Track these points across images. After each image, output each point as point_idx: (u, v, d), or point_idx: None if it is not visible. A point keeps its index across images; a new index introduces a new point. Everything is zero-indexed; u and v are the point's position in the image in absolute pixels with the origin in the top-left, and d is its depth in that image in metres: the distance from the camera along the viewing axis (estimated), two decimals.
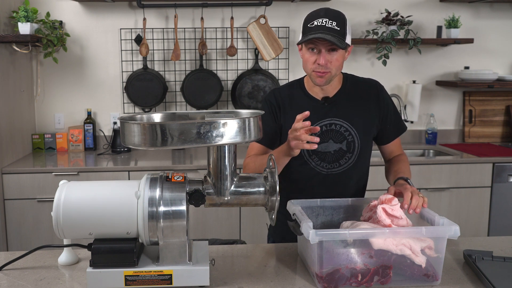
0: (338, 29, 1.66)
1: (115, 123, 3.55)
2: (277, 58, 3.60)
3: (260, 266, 1.53)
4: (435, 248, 1.39)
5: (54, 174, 3.00)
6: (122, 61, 3.58)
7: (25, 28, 3.08)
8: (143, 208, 1.31)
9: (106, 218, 1.32)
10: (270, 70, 3.64)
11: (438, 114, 3.84)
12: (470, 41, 3.57)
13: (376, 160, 2.60)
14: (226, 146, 1.37)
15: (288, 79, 3.65)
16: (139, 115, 1.45)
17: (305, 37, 1.68)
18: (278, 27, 3.61)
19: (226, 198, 1.40)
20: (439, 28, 3.65)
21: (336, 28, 1.65)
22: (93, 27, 3.54)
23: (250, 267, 1.52)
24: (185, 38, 3.58)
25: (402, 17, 3.53)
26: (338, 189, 1.82)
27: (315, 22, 1.67)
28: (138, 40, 3.53)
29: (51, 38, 3.23)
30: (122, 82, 3.58)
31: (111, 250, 1.33)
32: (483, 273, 1.40)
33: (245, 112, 1.45)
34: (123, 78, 3.58)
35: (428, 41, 3.56)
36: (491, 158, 3.24)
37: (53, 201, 1.33)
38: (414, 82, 3.74)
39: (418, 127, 3.85)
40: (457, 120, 3.89)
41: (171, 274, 1.34)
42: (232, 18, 3.53)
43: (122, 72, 3.59)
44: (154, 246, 1.39)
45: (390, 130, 1.89)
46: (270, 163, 1.43)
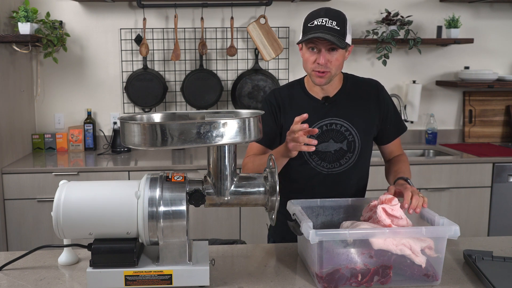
0: (338, 28, 1.66)
1: (115, 123, 3.55)
2: (277, 58, 3.60)
3: (260, 266, 1.53)
4: (435, 248, 1.39)
5: (54, 174, 3.00)
6: (122, 61, 3.58)
7: (25, 28, 3.08)
8: (143, 208, 1.31)
9: (106, 218, 1.32)
10: (270, 70, 3.64)
11: (438, 114, 3.84)
12: (470, 41, 3.57)
13: (376, 160, 2.60)
14: (226, 146, 1.37)
15: (288, 79, 3.65)
16: (139, 115, 1.45)
17: (305, 36, 1.68)
18: (278, 27, 3.61)
19: (226, 198, 1.40)
20: (439, 28, 3.65)
21: (336, 27, 1.65)
22: (93, 27, 3.54)
23: (250, 267, 1.52)
24: (185, 38, 3.58)
25: (402, 17, 3.53)
26: (338, 189, 1.82)
27: (315, 22, 1.67)
28: (138, 40, 3.53)
29: (51, 38, 3.23)
30: (122, 82, 3.58)
31: (111, 250, 1.33)
32: (483, 273, 1.40)
33: (245, 112, 1.45)
34: (123, 78, 3.58)
35: (428, 41, 3.56)
36: (491, 158, 3.24)
37: (53, 201, 1.33)
38: (414, 82, 3.74)
39: (418, 127, 3.85)
40: (457, 120, 3.89)
41: (171, 274, 1.34)
42: (232, 18, 3.53)
43: (122, 72, 3.59)
44: (154, 246, 1.39)
45: (390, 130, 1.89)
46: (270, 163, 1.43)
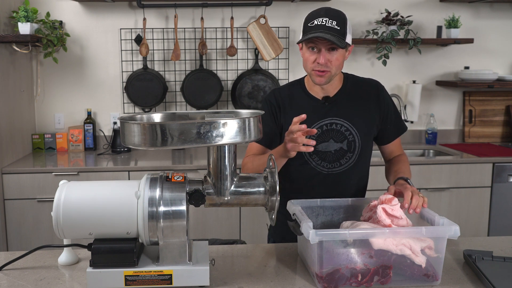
0: (338, 28, 1.66)
1: (115, 123, 3.55)
2: (277, 58, 3.60)
3: (260, 266, 1.53)
4: (435, 248, 1.39)
5: (54, 174, 3.00)
6: (122, 61, 3.58)
7: (25, 28, 3.08)
8: (143, 208, 1.31)
9: (106, 218, 1.31)
10: (270, 70, 3.64)
11: (438, 114, 3.84)
12: (470, 41, 3.57)
13: (376, 160, 2.60)
14: (226, 146, 1.37)
15: (288, 79, 3.65)
16: (139, 115, 1.45)
17: (305, 36, 1.68)
18: (278, 27, 3.61)
19: (226, 198, 1.40)
20: (439, 28, 3.65)
21: (336, 27, 1.65)
22: (93, 27, 3.54)
23: (250, 267, 1.52)
24: (185, 38, 3.58)
25: (402, 17, 3.53)
26: (338, 189, 1.82)
27: (315, 21, 1.67)
28: (138, 40, 3.53)
29: (51, 38, 3.23)
30: (122, 82, 3.58)
31: (111, 250, 1.33)
32: (483, 273, 1.40)
33: (245, 112, 1.45)
34: (123, 78, 3.58)
35: (428, 41, 3.56)
36: (491, 158, 3.24)
37: (53, 201, 1.33)
38: (414, 82, 3.74)
39: (418, 127, 3.85)
40: (457, 120, 3.89)
41: (171, 274, 1.34)
42: (232, 18, 3.53)
43: (122, 72, 3.59)
44: (154, 246, 1.39)
45: (391, 130, 1.89)
46: (270, 163, 1.43)
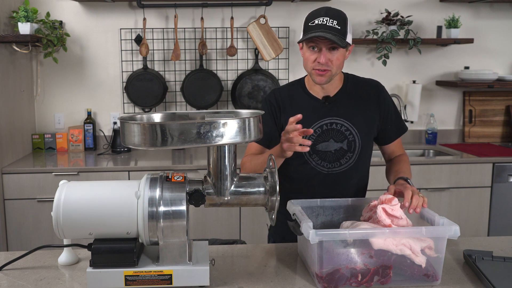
0: (339, 28, 1.66)
1: (115, 123, 3.55)
2: (277, 58, 3.60)
3: (260, 266, 1.53)
4: (435, 248, 1.39)
5: (54, 174, 3.00)
6: (122, 61, 3.58)
7: (25, 28, 3.08)
8: (143, 208, 1.31)
9: (106, 218, 1.31)
10: (270, 70, 3.64)
11: (438, 114, 3.84)
12: (470, 41, 3.57)
13: (376, 160, 2.60)
14: (226, 146, 1.37)
15: (288, 79, 3.65)
16: (139, 115, 1.45)
17: (305, 35, 1.68)
18: (278, 27, 3.61)
19: (226, 198, 1.40)
20: (439, 28, 3.65)
21: (337, 27, 1.66)
22: (93, 27, 3.54)
23: (250, 267, 1.52)
24: (185, 38, 3.58)
25: (402, 17, 3.53)
26: (338, 188, 1.82)
27: (316, 21, 1.67)
28: (138, 40, 3.53)
29: (51, 38, 3.23)
30: (122, 82, 3.58)
31: (111, 250, 1.33)
32: (483, 273, 1.40)
33: (245, 112, 1.45)
34: (123, 78, 3.58)
35: (428, 41, 3.56)
36: (491, 158, 3.24)
37: (53, 201, 1.33)
38: (414, 82, 3.74)
39: (418, 127, 3.85)
40: (457, 120, 3.89)
41: (171, 274, 1.34)
42: (232, 18, 3.53)
43: (122, 72, 3.59)
44: (154, 246, 1.39)
45: (391, 131, 1.89)
46: (270, 163, 1.43)
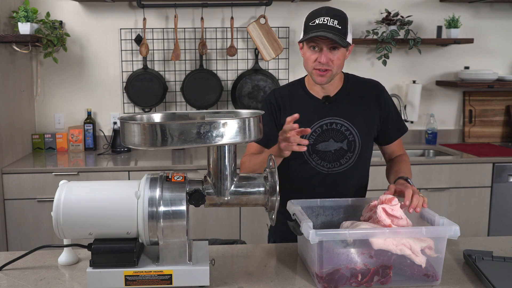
0: (340, 27, 1.66)
1: (115, 123, 3.55)
2: (277, 58, 3.60)
3: (260, 266, 1.53)
4: (435, 248, 1.39)
5: (54, 174, 3.00)
6: (122, 61, 3.58)
7: (25, 28, 3.08)
8: (143, 208, 1.31)
9: (106, 218, 1.31)
10: (270, 70, 3.64)
11: (438, 114, 3.84)
12: (470, 41, 3.57)
13: (376, 160, 2.60)
14: (226, 146, 1.37)
15: (288, 79, 3.65)
16: (139, 115, 1.45)
17: (306, 35, 1.68)
18: (278, 27, 3.61)
19: (226, 198, 1.40)
20: (439, 28, 3.65)
21: (337, 26, 1.65)
22: (93, 27, 3.54)
23: (250, 267, 1.52)
24: (185, 38, 3.58)
25: (402, 17, 3.53)
26: (338, 188, 1.82)
27: (317, 21, 1.67)
28: (138, 40, 3.53)
29: (51, 38, 3.23)
30: (122, 82, 3.58)
31: (111, 250, 1.33)
32: (483, 273, 1.40)
33: (245, 112, 1.45)
34: (123, 78, 3.58)
35: (428, 41, 3.56)
36: (491, 158, 3.24)
37: (53, 201, 1.33)
38: (414, 82, 3.74)
39: (418, 127, 3.85)
40: (457, 120, 3.89)
41: (171, 274, 1.34)
42: (232, 18, 3.53)
43: (122, 72, 3.59)
44: (154, 246, 1.39)
45: (391, 131, 1.89)
46: (270, 163, 1.43)
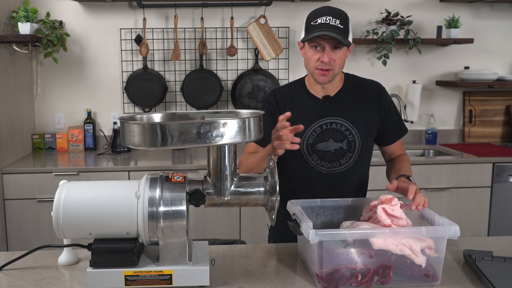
0: (342, 27, 1.66)
1: (115, 123, 3.55)
2: (277, 58, 3.60)
3: (260, 266, 1.53)
4: (435, 248, 1.39)
5: (54, 174, 3.00)
6: (122, 61, 3.58)
7: (25, 28, 3.08)
8: (143, 208, 1.31)
9: (106, 218, 1.31)
10: (270, 70, 3.64)
11: (438, 114, 3.84)
12: (470, 41, 3.57)
13: (376, 160, 2.59)
14: (226, 146, 1.37)
15: (288, 79, 3.65)
16: (139, 115, 1.45)
17: (309, 34, 1.67)
18: (278, 27, 3.61)
19: (226, 198, 1.40)
20: (439, 28, 3.65)
21: (339, 26, 1.65)
22: (93, 27, 3.54)
23: (250, 267, 1.52)
24: (185, 38, 3.58)
25: (402, 17, 3.53)
26: (338, 188, 1.82)
27: (319, 20, 1.66)
28: (138, 40, 3.53)
29: (51, 38, 3.23)
30: (122, 82, 3.58)
31: (111, 250, 1.33)
32: (483, 273, 1.40)
33: (245, 112, 1.45)
34: (123, 78, 3.58)
35: (428, 41, 3.56)
36: (491, 158, 3.24)
37: (53, 201, 1.33)
38: (414, 82, 3.74)
39: (418, 127, 3.84)
40: (457, 120, 3.89)
41: (171, 274, 1.34)
42: (232, 18, 3.53)
43: (122, 72, 3.59)
44: (154, 246, 1.39)
45: (392, 131, 1.89)
46: (270, 163, 1.43)
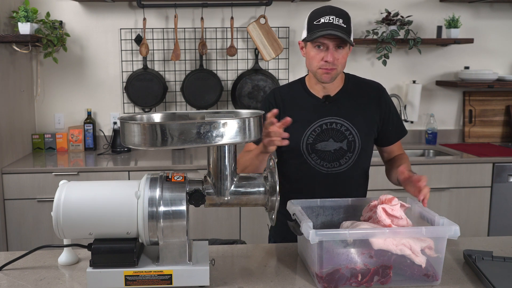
0: (345, 26, 1.66)
1: (115, 123, 3.55)
2: (277, 58, 3.60)
3: (260, 266, 1.53)
4: (435, 248, 1.39)
5: (54, 174, 3.00)
6: (122, 61, 3.58)
7: (25, 28, 3.08)
8: (143, 208, 1.31)
9: (106, 218, 1.31)
10: (270, 70, 3.64)
11: (438, 114, 3.84)
12: (470, 41, 3.57)
13: (376, 160, 2.59)
14: (226, 146, 1.37)
15: (288, 79, 3.65)
16: (139, 115, 1.45)
17: (313, 34, 1.67)
18: (278, 27, 3.61)
19: (226, 198, 1.40)
20: (439, 28, 3.65)
21: (342, 25, 1.65)
22: (93, 27, 3.54)
23: (250, 267, 1.52)
24: (185, 38, 3.58)
25: (402, 17, 3.53)
26: (338, 189, 1.81)
27: (322, 20, 1.66)
28: (138, 40, 3.53)
29: (51, 38, 3.23)
30: (122, 82, 3.58)
31: (111, 250, 1.33)
32: (483, 273, 1.40)
33: (245, 112, 1.45)
34: (123, 78, 3.58)
35: (428, 41, 3.56)
36: (491, 158, 3.24)
37: (53, 201, 1.33)
38: (414, 82, 3.74)
39: (418, 127, 3.84)
40: (457, 120, 3.89)
41: (171, 274, 1.34)
42: (232, 18, 3.53)
43: (122, 72, 3.59)
44: (154, 246, 1.39)
45: (392, 132, 1.89)
46: (270, 163, 1.43)
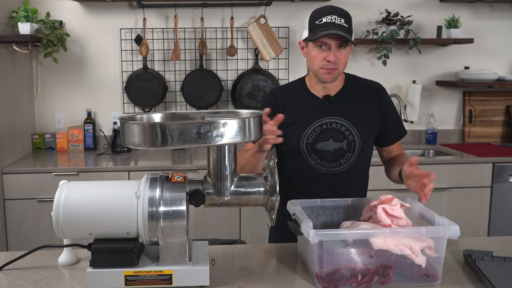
0: (347, 26, 1.66)
1: (115, 123, 3.55)
2: (277, 58, 3.60)
3: (260, 266, 1.53)
4: (435, 248, 1.39)
5: (54, 174, 3.00)
6: (122, 61, 3.58)
7: (25, 28, 3.08)
8: (143, 208, 1.31)
9: (106, 218, 1.31)
10: (270, 70, 3.64)
11: (438, 114, 3.84)
12: (470, 41, 3.57)
13: (376, 160, 2.59)
14: (226, 146, 1.37)
15: (288, 79, 3.65)
16: (139, 115, 1.45)
17: (315, 34, 1.66)
18: (278, 27, 3.61)
19: (226, 198, 1.40)
20: (439, 28, 3.65)
21: (344, 25, 1.65)
22: (93, 27, 3.54)
23: (250, 267, 1.52)
24: (185, 38, 3.58)
25: (402, 17, 3.53)
26: (338, 188, 1.81)
27: (324, 19, 1.66)
28: (138, 40, 3.53)
29: (51, 38, 3.23)
30: (122, 82, 3.58)
31: (111, 250, 1.33)
32: (483, 273, 1.40)
33: (245, 112, 1.45)
34: (123, 78, 3.58)
35: (428, 41, 3.56)
36: (491, 158, 3.24)
37: (53, 201, 1.33)
38: (414, 82, 3.74)
39: (418, 127, 3.84)
40: (457, 120, 3.89)
41: (171, 274, 1.34)
42: (232, 18, 3.53)
43: (122, 72, 3.59)
44: (154, 246, 1.39)
45: (392, 132, 1.89)
46: (270, 163, 1.43)
